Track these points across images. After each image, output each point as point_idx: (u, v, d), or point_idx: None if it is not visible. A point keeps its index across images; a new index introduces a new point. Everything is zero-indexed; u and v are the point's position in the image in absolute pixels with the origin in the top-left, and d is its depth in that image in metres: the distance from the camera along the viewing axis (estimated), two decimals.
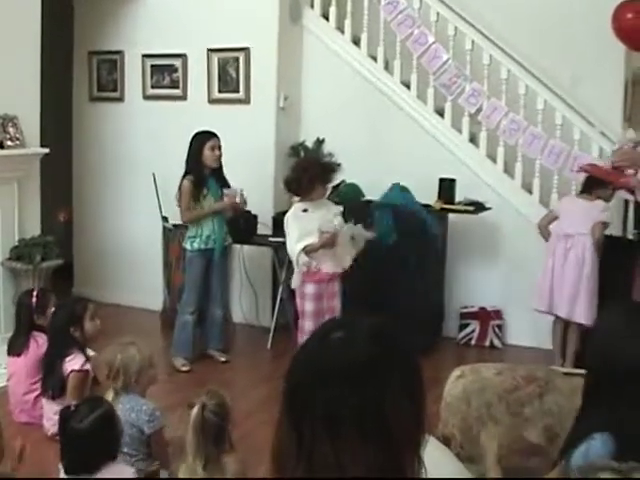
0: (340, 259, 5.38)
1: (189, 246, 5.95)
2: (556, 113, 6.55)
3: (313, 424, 1.39)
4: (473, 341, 6.73)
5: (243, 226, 6.45)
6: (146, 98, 7.53)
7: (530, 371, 2.85)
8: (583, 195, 5.82)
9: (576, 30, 6.85)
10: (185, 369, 5.91)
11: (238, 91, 7.09)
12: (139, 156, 7.48)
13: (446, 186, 6.45)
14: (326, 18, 7.22)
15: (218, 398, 3.29)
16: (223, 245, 6.05)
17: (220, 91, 7.17)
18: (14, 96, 5.86)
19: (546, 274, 5.84)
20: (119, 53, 7.57)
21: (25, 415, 4.78)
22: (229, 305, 6.69)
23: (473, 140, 6.86)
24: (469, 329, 6.74)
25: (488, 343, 6.68)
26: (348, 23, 7.14)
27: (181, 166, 5.91)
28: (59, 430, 3.27)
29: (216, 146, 5.87)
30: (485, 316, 6.69)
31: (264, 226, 6.75)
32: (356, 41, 7.15)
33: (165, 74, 7.40)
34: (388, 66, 7.08)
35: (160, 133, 7.33)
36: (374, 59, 7.07)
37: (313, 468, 1.38)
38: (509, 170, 6.75)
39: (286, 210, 5.64)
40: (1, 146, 5.75)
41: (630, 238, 6.40)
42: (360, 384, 1.39)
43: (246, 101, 7.08)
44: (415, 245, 6.23)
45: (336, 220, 5.32)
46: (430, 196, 6.40)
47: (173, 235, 6.83)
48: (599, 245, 5.71)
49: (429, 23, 6.79)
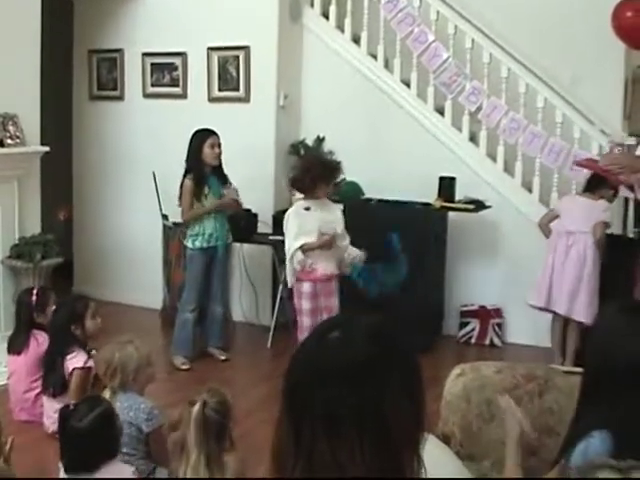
0: (336, 261, 5.38)
1: (191, 244, 5.95)
2: (556, 111, 6.55)
3: (312, 424, 1.39)
4: (473, 339, 6.73)
5: (243, 224, 6.45)
6: (146, 96, 7.53)
7: (530, 369, 2.85)
8: (586, 194, 5.82)
9: (576, 29, 6.85)
10: (185, 367, 5.92)
11: (238, 89, 7.09)
12: (139, 154, 7.48)
13: (446, 184, 6.44)
14: (326, 17, 7.23)
15: (219, 396, 3.29)
16: (225, 242, 6.06)
17: (220, 89, 7.17)
18: (14, 94, 5.85)
19: (546, 270, 5.84)
20: (119, 51, 7.57)
21: (25, 413, 4.78)
22: (229, 303, 6.69)
23: (473, 139, 6.86)
24: (469, 327, 6.74)
25: (488, 341, 6.69)
26: (348, 22, 7.14)
27: (181, 164, 5.92)
28: (58, 429, 3.26)
29: (216, 144, 5.87)
30: (485, 314, 6.69)
31: (264, 224, 6.75)
32: (356, 40, 7.15)
33: (165, 72, 7.40)
34: (388, 64, 7.08)
35: (160, 131, 7.33)
36: (374, 57, 7.07)
37: (312, 467, 1.38)
38: (509, 169, 6.75)
39: (286, 208, 5.64)
40: (1, 144, 5.75)
41: (630, 236, 6.40)
42: (359, 383, 1.40)
43: (246, 99, 7.08)
44: (415, 243, 6.24)
45: (339, 227, 5.32)
46: (430, 194, 6.40)
47: (173, 233, 6.83)
48: (601, 244, 5.71)
49: (429, 21, 6.80)
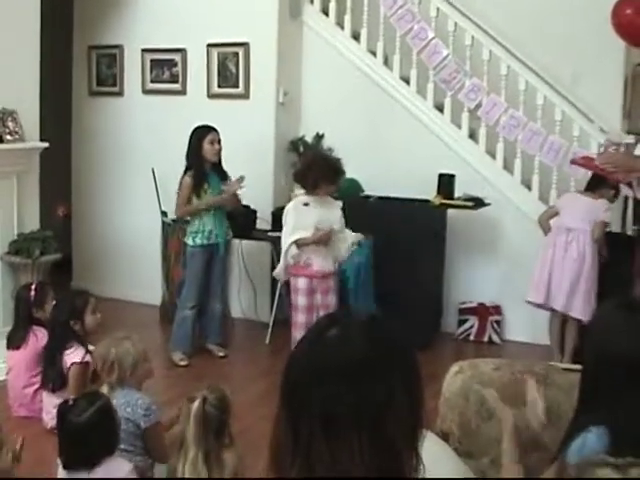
0: (334, 258, 5.38)
1: (191, 241, 5.94)
2: (556, 109, 6.55)
3: (310, 422, 1.39)
4: (472, 337, 6.74)
5: (242, 221, 6.45)
6: (145, 93, 7.53)
7: (528, 367, 2.85)
8: (587, 193, 5.82)
9: (576, 26, 6.84)
10: (183, 364, 5.92)
11: (237, 86, 7.09)
12: (138, 151, 7.47)
13: (445, 181, 6.44)
14: (326, 13, 7.22)
15: (219, 392, 3.29)
16: (225, 239, 6.06)
17: (219, 86, 7.17)
18: (13, 90, 5.85)
19: (545, 265, 5.83)
20: (118, 47, 7.56)
21: (24, 409, 4.79)
22: (228, 300, 6.69)
23: (473, 136, 6.85)
24: (468, 325, 6.75)
25: (487, 339, 6.69)
26: (348, 18, 7.13)
27: (181, 161, 5.91)
28: (57, 425, 3.26)
29: (215, 140, 5.87)
30: (484, 312, 6.70)
31: (263, 221, 6.75)
32: (356, 36, 7.14)
33: (164, 69, 7.40)
34: (388, 61, 7.08)
35: (159, 128, 7.33)
36: (374, 54, 7.07)
37: (310, 465, 1.38)
38: (508, 166, 6.75)
39: (285, 205, 5.64)
40: (0, 140, 5.75)
41: (629, 234, 6.40)
42: (357, 381, 1.39)
43: (245, 96, 7.07)
44: (414, 240, 6.24)
45: (337, 223, 5.32)
46: (429, 191, 6.40)
47: (172, 230, 6.83)
48: (601, 244, 5.72)
49: (429, 18, 6.79)
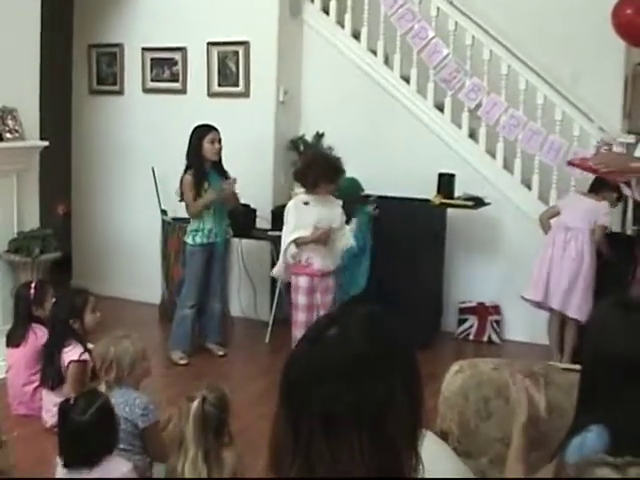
0: (334, 257, 5.38)
1: (191, 240, 5.94)
2: (556, 109, 6.55)
3: (310, 421, 1.39)
4: (471, 336, 6.74)
5: (242, 220, 6.45)
6: (146, 91, 7.53)
7: (528, 366, 2.85)
8: (590, 194, 5.83)
9: (576, 26, 6.84)
10: (183, 362, 5.92)
11: (238, 85, 7.09)
12: (138, 149, 7.47)
13: (445, 181, 6.44)
14: (326, 12, 7.21)
15: (218, 391, 3.29)
16: (225, 238, 6.06)
17: (220, 85, 7.16)
18: (13, 88, 5.85)
19: (544, 263, 5.84)
20: (119, 46, 7.56)
21: (24, 407, 4.79)
22: (228, 299, 6.69)
23: (473, 135, 6.85)
24: (467, 324, 6.75)
25: (486, 338, 6.69)
26: (348, 17, 7.13)
27: (181, 160, 5.91)
28: (58, 424, 3.27)
29: (216, 139, 5.87)
30: (483, 311, 6.70)
31: (263, 220, 6.75)
32: (356, 35, 7.14)
33: (165, 67, 7.39)
34: (388, 60, 7.08)
35: (159, 126, 7.32)
36: (374, 53, 7.06)
37: (310, 465, 1.38)
38: (508, 166, 6.75)
39: (285, 204, 5.64)
40: (0, 138, 5.75)
41: (629, 234, 6.41)
42: (357, 380, 1.39)
43: (246, 95, 7.07)
44: (414, 240, 6.24)
45: (337, 222, 5.32)
46: (429, 191, 6.40)
47: (172, 228, 6.83)
48: (603, 247, 5.74)
49: (429, 18, 6.79)
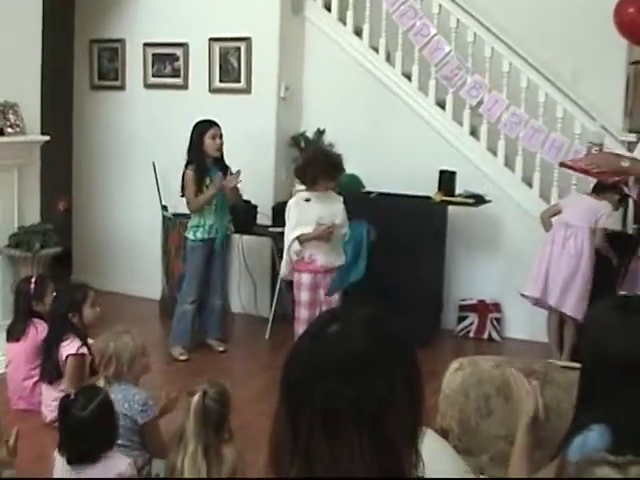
0: (336, 254, 5.38)
1: (192, 235, 5.93)
2: (557, 107, 6.54)
3: (310, 418, 1.38)
4: (471, 334, 6.73)
5: (243, 216, 6.45)
6: (147, 87, 7.52)
7: (528, 364, 2.85)
8: (592, 194, 5.83)
9: (578, 24, 6.83)
10: (183, 358, 5.92)
11: (239, 81, 7.08)
12: (140, 145, 7.47)
13: (446, 178, 6.43)
14: (328, 9, 7.20)
15: (219, 386, 3.29)
16: (225, 234, 6.05)
17: (221, 81, 7.16)
18: (15, 83, 5.85)
19: (543, 260, 5.85)
20: (120, 41, 7.55)
21: (23, 402, 4.79)
22: (228, 295, 6.69)
23: (474, 133, 6.85)
24: (467, 322, 6.74)
25: (486, 336, 6.69)
26: (350, 14, 7.12)
27: (182, 155, 5.91)
28: (58, 420, 3.27)
29: (217, 135, 5.86)
30: (484, 309, 6.69)
31: (264, 216, 6.75)
32: (358, 32, 7.13)
33: (166, 63, 7.39)
34: (390, 57, 7.06)
35: (161, 122, 7.32)
36: (376, 50, 7.05)
37: (310, 461, 1.38)
38: (509, 163, 6.74)
39: (286, 200, 5.64)
40: (1, 133, 5.75)
41: (630, 233, 6.40)
42: (358, 377, 1.39)
43: (247, 91, 7.07)
44: (414, 237, 6.24)
45: (338, 218, 5.32)
46: (430, 188, 6.39)
47: (173, 224, 6.83)
48: (602, 249, 5.74)
49: (431, 15, 6.78)
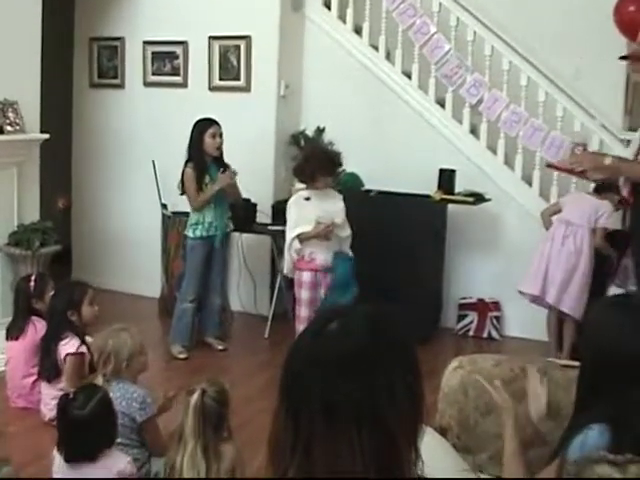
0: (335, 251, 5.38)
1: (191, 233, 5.93)
2: (557, 105, 6.54)
3: (310, 415, 1.38)
4: (471, 332, 6.73)
5: (242, 214, 6.44)
6: (147, 85, 7.52)
7: (527, 363, 2.84)
8: (593, 194, 5.84)
9: (578, 22, 6.82)
10: (182, 356, 5.92)
11: (239, 79, 7.08)
12: (139, 143, 7.46)
13: (446, 177, 6.43)
14: (328, 7, 7.20)
15: (218, 385, 3.29)
16: (225, 232, 6.05)
17: (221, 79, 7.15)
18: (14, 81, 5.84)
19: (542, 258, 5.85)
20: (120, 39, 7.54)
21: (22, 400, 4.79)
22: (227, 293, 6.68)
23: (474, 131, 6.84)
24: (467, 320, 6.74)
25: (486, 334, 6.68)
26: (350, 12, 7.12)
27: (181, 153, 5.90)
28: (57, 418, 3.27)
29: (217, 133, 5.86)
30: (483, 307, 6.69)
31: (263, 214, 6.74)
32: (358, 30, 7.13)
33: (166, 61, 7.38)
34: (389, 56, 7.06)
35: (160, 120, 7.31)
36: (375, 49, 7.05)
37: (309, 459, 1.37)
38: (509, 162, 6.74)
39: (286, 198, 5.64)
40: (1, 131, 5.73)
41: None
42: (358, 374, 1.38)
43: (247, 89, 7.06)
44: (414, 235, 6.24)
45: (338, 216, 5.31)
46: (430, 186, 6.39)
47: (172, 222, 6.83)
48: (602, 248, 5.74)
49: (431, 13, 6.78)
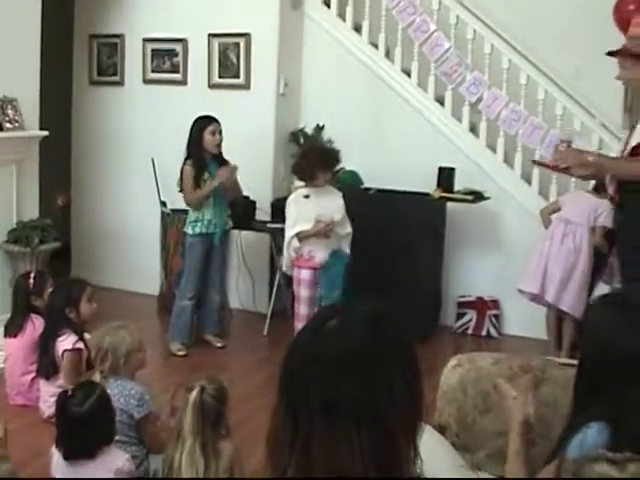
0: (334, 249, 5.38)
1: (190, 230, 5.93)
2: (557, 104, 6.54)
3: (309, 412, 1.38)
4: (470, 330, 6.73)
5: (241, 212, 6.44)
6: (146, 82, 7.51)
7: (526, 361, 2.85)
8: (593, 193, 5.84)
9: (577, 21, 6.82)
10: (181, 354, 5.92)
11: (238, 76, 7.07)
12: (138, 141, 7.46)
13: (445, 175, 6.43)
14: (327, 5, 7.19)
15: (217, 382, 3.29)
16: (224, 229, 6.05)
17: (220, 76, 7.15)
18: (14, 78, 5.84)
19: (541, 256, 5.85)
20: (120, 37, 7.54)
21: (21, 397, 4.79)
22: (226, 291, 6.68)
23: (473, 129, 6.84)
24: (466, 318, 6.74)
25: (485, 333, 6.68)
26: (349, 10, 7.11)
27: (180, 151, 5.90)
28: (56, 415, 3.27)
29: (216, 131, 5.85)
30: (482, 306, 6.69)
31: (262, 212, 6.74)
32: (357, 28, 7.12)
33: (165, 58, 7.38)
34: (389, 54, 7.06)
35: (160, 118, 7.31)
36: (375, 46, 7.05)
37: (308, 456, 1.37)
38: (509, 160, 6.74)
39: (285, 196, 5.64)
40: (0, 128, 5.74)
41: None
42: (357, 372, 1.38)
43: (246, 87, 7.06)
44: (413, 233, 6.24)
45: (338, 213, 5.31)
46: (429, 184, 6.39)
47: (171, 220, 6.82)
48: (601, 247, 5.74)
49: (431, 11, 6.77)
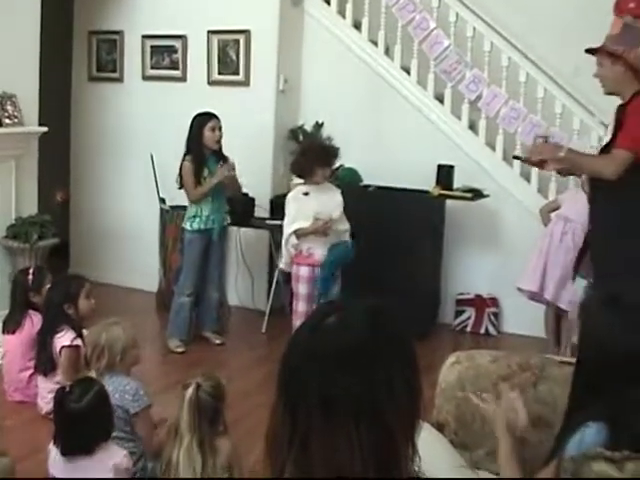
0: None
1: (189, 226, 5.92)
2: (556, 102, 6.53)
3: (308, 409, 1.38)
4: (468, 328, 6.74)
5: (240, 209, 6.44)
6: (145, 79, 7.50)
7: (525, 359, 2.85)
8: None
9: (577, 19, 6.81)
10: (180, 350, 5.91)
11: (238, 73, 7.07)
12: (137, 137, 7.45)
13: (444, 172, 6.43)
14: (327, 2, 7.19)
15: (213, 379, 3.29)
16: (222, 225, 6.05)
17: (220, 73, 7.15)
18: (13, 74, 5.83)
19: (540, 254, 5.84)
20: (119, 33, 7.53)
21: (19, 394, 4.78)
22: (225, 288, 6.68)
23: (473, 127, 6.84)
24: (465, 316, 6.75)
25: (483, 330, 6.69)
26: (349, 7, 7.10)
27: (179, 147, 5.90)
28: (54, 412, 3.27)
29: (216, 127, 5.85)
30: (481, 303, 6.70)
31: (261, 209, 6.74)
32: (357, 25, 7.12)
33: (165, 55, 7.38)
34: (389, 51, 7.06)
35: (159, 114, 7.30)
36: (375, 44, 7.04)
37: (307, 453, 1.37)
38: (508, 158, 6.73)
39: (284, 193, 5.64)
40: None
41: None
42: (356, 368, 1.38)
43: (246, 83, 7.05)
44: (412, 231, 6.24)
45: (336, 210, 5.31)
46: (428, 182, 6.38)
47: (170, 216, 6.82)
48: None
49: (430, 9, 6.77)
